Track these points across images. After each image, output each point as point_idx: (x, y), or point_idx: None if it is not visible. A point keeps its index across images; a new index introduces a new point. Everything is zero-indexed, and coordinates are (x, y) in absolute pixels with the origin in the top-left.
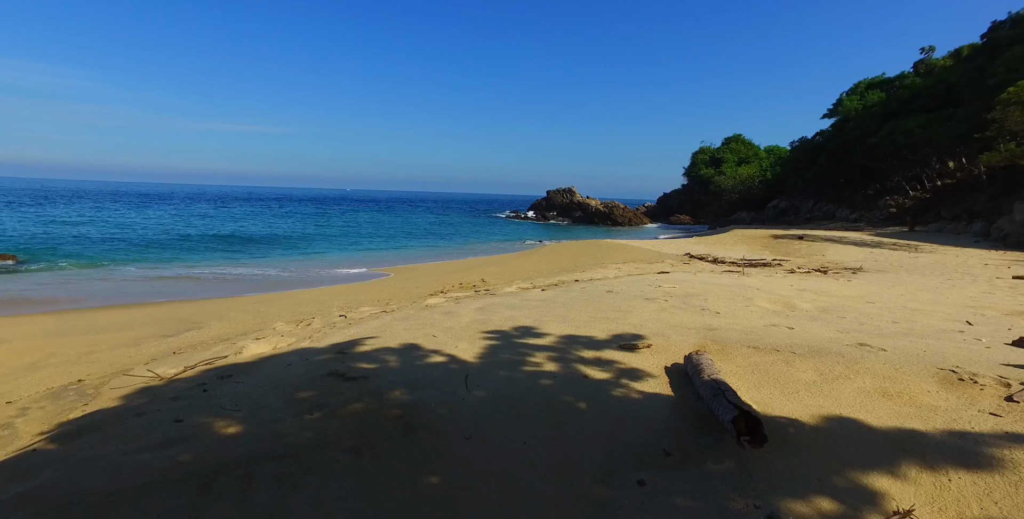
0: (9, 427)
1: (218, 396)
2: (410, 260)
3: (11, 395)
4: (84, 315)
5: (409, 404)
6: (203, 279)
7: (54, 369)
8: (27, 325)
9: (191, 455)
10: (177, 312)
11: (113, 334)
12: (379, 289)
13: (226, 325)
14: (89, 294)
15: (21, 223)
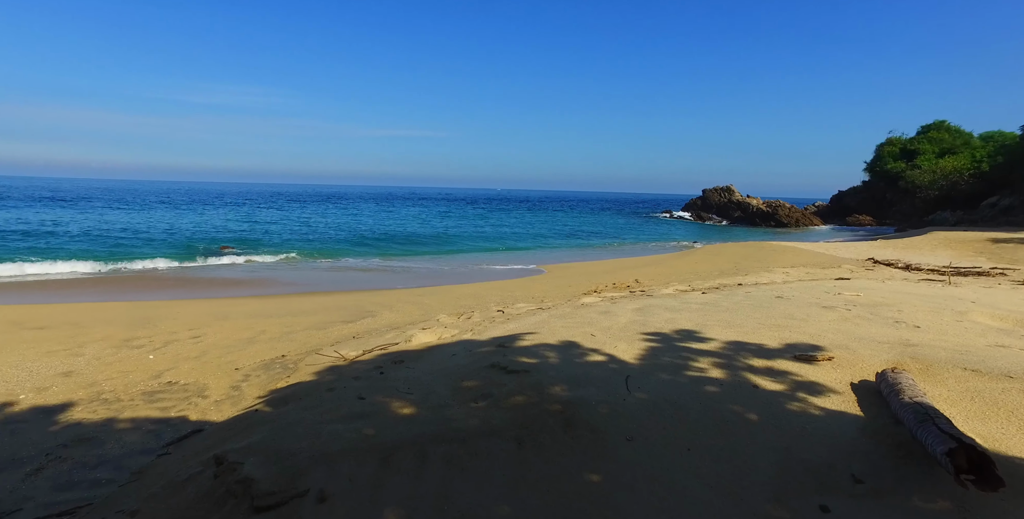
0: (238, 389)
1: (393, 379)
2: (562, 259)
3: (236, 363)
4: (283, 300)
5: (570, 400)
6: (374, 271)
7: (264, 344)
8: (243, 306)
9: (373, 430)
10: (355, 301)
11: (306, 317)
12: (533, 286)
13: (395, 314)
14: (286, 281)
15: (231, 221)
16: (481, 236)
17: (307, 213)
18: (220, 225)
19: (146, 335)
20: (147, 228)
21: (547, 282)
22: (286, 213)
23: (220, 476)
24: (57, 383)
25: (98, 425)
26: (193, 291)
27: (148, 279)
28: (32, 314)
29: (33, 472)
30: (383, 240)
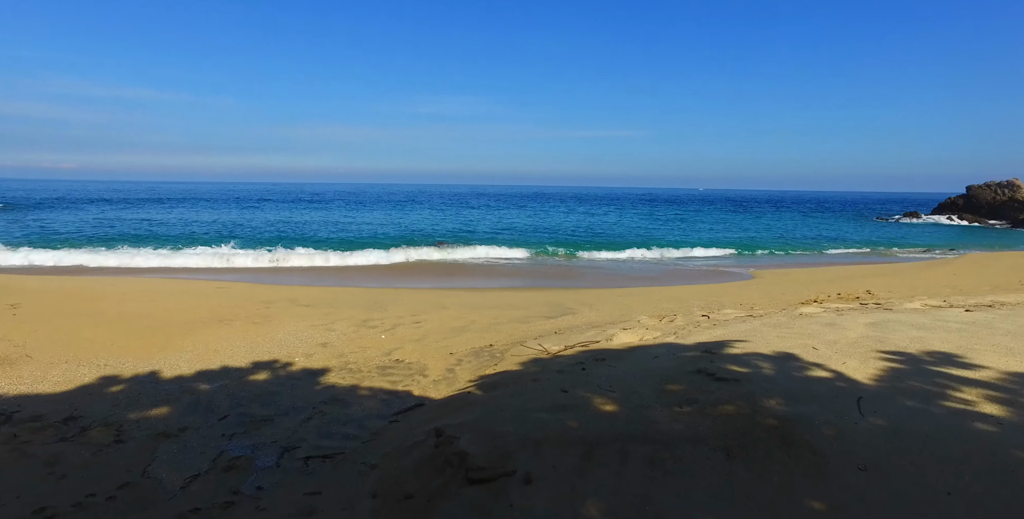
0: (452, 371)
1: (595, 376)
2: (772, 263)
3: (451, 348)
4: (491, 293)
5: (787, 416)
6: (574, 269)
7: (474, 333)
8: (456, 297)
9: (577, 422)
10: (556, 297)
11: (510, 311)
12: (740, 292)
13: (595, 313)
14: (494, 275)
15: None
16: (682, 238)
17: (511, 212)
18: (436, 222)
19: (379, 318)
20: (381, 224)
21: (756, 288)
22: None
23: (440, 447)
24: (318, 352)
25: (346, 390)
26: (414, 281)
27: (379, 269)
28: (303, 293)
29: (305, 420)
30: (582, 238)
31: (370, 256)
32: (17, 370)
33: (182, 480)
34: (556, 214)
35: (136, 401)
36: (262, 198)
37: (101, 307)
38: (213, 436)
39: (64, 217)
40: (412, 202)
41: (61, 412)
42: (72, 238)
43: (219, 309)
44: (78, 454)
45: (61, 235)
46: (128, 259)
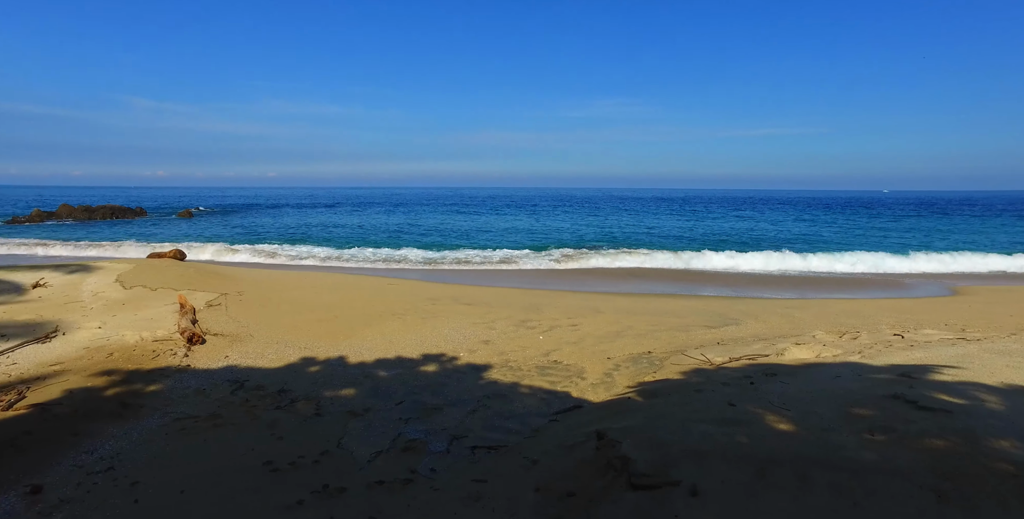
0: (610, 376)
1: (765, 391)
2: (983, 279)
3: (608, 353)
4: (647, 299)
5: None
6: (736, 277)
7: (631, 339)
8: (612, 302)
9: (747, 438)
10: (717, 306)
11: (669, 318)
12: (943, 309)
13: (761, 325)
14: (646, 281)
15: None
16: (867, 243)
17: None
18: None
19: (536, 319)
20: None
21: (964, 305)
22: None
23: (601, 449)
24: (480, 348)
25: (507, 386)
26: (567, 284)
27: (533, 271)
28: (463, 292)
29: (471, 412)
30: (744, 243)
31: (525, 260)
32: (245, 346)
33: (369, 454)
34: (714, 218)
35: (329, 381)
36: (421, 202)
37: (299, 297)
38: (392, 419)
39: (266, 220)
40: (563, 205)
41: (276, 385)
42: (273, 236)
43: (392, 304)
44: (290, 421)
45: (266, 234)
46: (316, 256)
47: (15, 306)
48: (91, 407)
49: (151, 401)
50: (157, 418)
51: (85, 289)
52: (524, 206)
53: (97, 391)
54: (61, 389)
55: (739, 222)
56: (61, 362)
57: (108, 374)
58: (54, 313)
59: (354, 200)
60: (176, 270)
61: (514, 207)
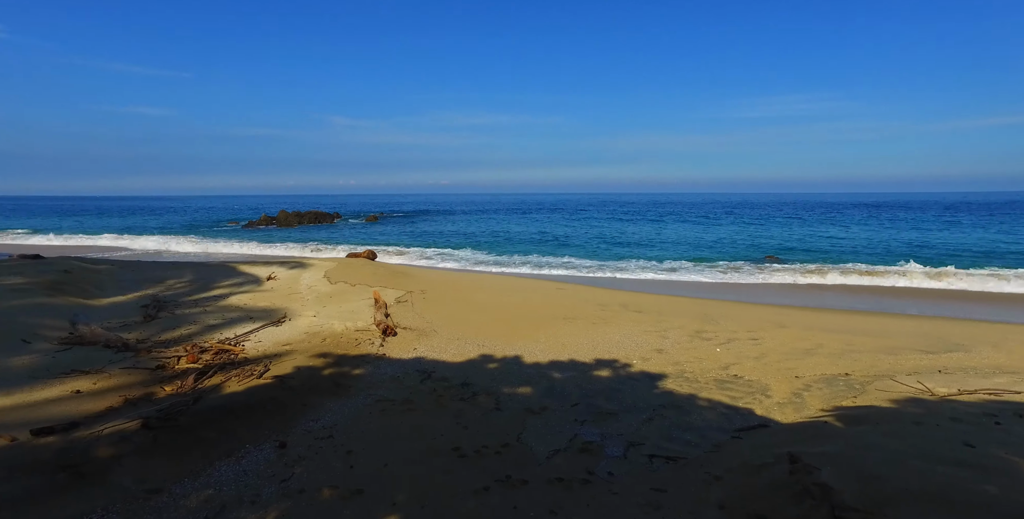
0: (799, 396)
1: (1018, 435)
2: None
3: (796, 371)
4: (839, 315)
5: None
6: (964, 295)
7: (823, 358)
8: (797, 316)
9: (998, 489)
10: (932, 328)
11: (869, 338)
12: None
13: (1002, 354)
14: (832, 295)
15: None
16: None
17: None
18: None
19: (712, 330)
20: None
21: None
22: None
23: (795, 474)
24: (654, 357)
25: (684, 397)
26: (744, 295)
27: (704, 284)
28: (633, 300)
29: (647, 420)
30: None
31: (694, 271)
32: (430, 341)
33: (547, 452)
34: (920, 226)
35: (507, 378)
36: (583, 208)
37: (475, 297)
38: (567, 420)
39: (439, 225)
40: (736, 211)
41: (459, 378)
42: (445, 240)
43: (562, 308)
44: (472, 413)
45: (439, 237)
46: (486, 260)
47: (257, 295)
48: (313, 383)
49: (357, 383)
50: (362, 398)
51: (302, 283)
52: (692, 212)
53: (317, 370)
54: (292, 365)
55: (957, 232)
56: (289, 343)
57: (323, 356)
58: (282, 302)
59: (519, 206)
60: (369, 269)
61: (682, 213)
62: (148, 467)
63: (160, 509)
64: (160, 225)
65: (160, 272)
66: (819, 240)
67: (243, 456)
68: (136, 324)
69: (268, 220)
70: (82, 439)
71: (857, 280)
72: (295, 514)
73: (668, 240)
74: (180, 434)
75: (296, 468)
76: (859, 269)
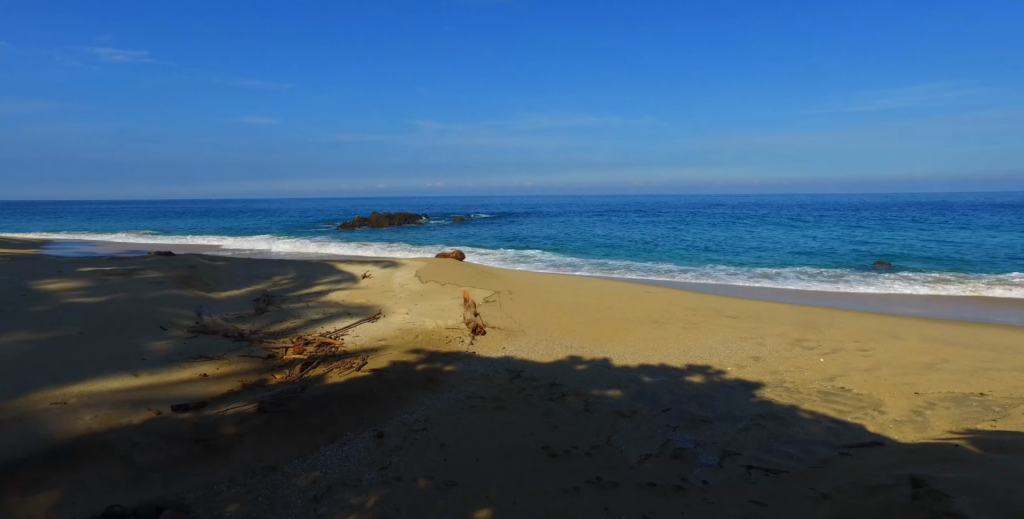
0: (921, 415)
1: None
2: None
3: (915, 387)
4: (968, 327)
5: None
6: None
7: (948, 375)
8: (913, 327)
9: None
10: None
11: (1011, 355)
12: None
13: None
14: (953, 305)
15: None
16: None
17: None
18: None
19: (814, 339)
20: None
21: None
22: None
23: (920, 499)
24: (750, 364)
25: (784, 408)
26: (850, 303)
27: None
28: (726, 304)
29: (744, 429)
30: None
31: (788, 277)
32: (518, 340)
33: (638, 456)
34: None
35: (596, 381)
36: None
37: (562, 299)
38: (659, 424)
39: (524, 226)
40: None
41: (547, 378)
42: (529, 241)
43: (651, 311)
44: (562, 413)
45: (523, 238)
46: (571, 263)
47: (353, 292)
48: (408, 377)
49: (448, 379)
50: (454, 394)
51: (395, 281)
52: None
53: (411, 365)
54: (388, 360)
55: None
56: (384, 339)
57: (416, 352)
58: (377, 299)
59: (605, 208)
60: (458, 269)
61: (777, 215)
62: (264, 446)
63: (275, 485)
64: (263, 226)
65: (268, 269)
66: (940, 245)
67: (345, 442)
68: (249, 316)
69: (361, 221)
70: (210, 417)
71: (992, 291)
72: (393, 500)
73: (763, 244)
74: (290, 418)
75: (393, 457)
76: (1008, 280)
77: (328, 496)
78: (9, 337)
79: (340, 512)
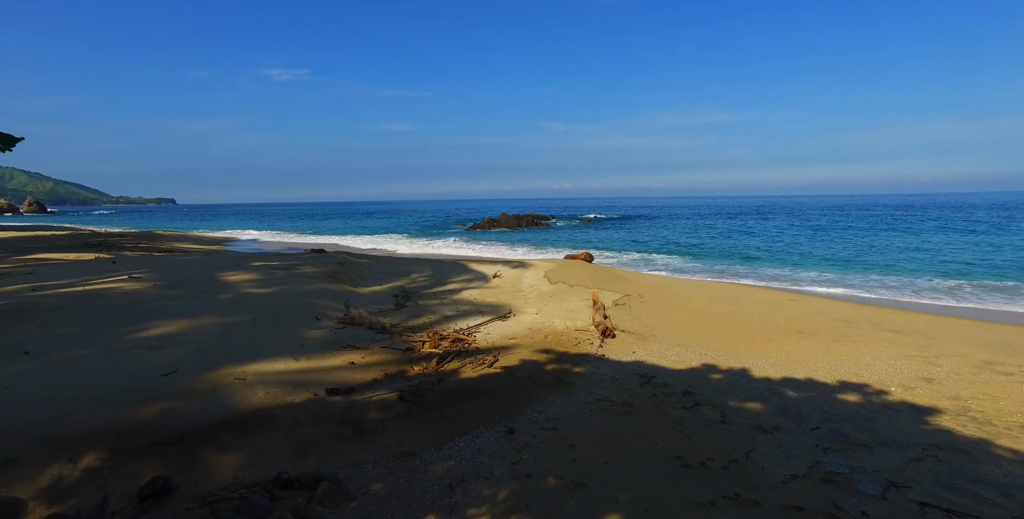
0: None
1: None
2: None
3: None
4: None
5: None
6: None
7: None
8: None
9: None
10: None
11: None
12: None
13: None
14: None
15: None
16: None
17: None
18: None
19: (1013, 363)
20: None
21: None
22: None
23: None
24: (920, 386)
25: (970, 441)
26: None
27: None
28: (887, 317)
29: (914, 459)
30: None
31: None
32: (649, 345)
33: (782, 475)
34: None
35: (732, 391)
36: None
37: (695, 304)
38: (806, 443)
39: (655, 229)
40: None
41: (680, 385)
42: (659, 244)
43: (795, 321)
44: (695, 423)
45: (652, 242)
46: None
47: (484, 291)
48: (538, 376)
49: (577, 380)
50: (583, 396)
51: (524, 281)
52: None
53: (540, 364)
54: (518, 358)
55: None
56: (515, 337)
57: (546, 352)
58: (507, 298)
59: (739, 209)
60: (586, 271)
61: (952, 217)
62: (404, 433)
63: (414, 470)
64: (399, 226)
65: (405, 267)
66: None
67: (477, 435)
68: (389, 311)
69: (490, 223)
70: (358, 402)
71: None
72: (524, 495)
73: (930, 251)
74: (427, 409)
75: (523, 453)
76: None
77: (462, 485)
78: (206, 320)
79: (473, 502)
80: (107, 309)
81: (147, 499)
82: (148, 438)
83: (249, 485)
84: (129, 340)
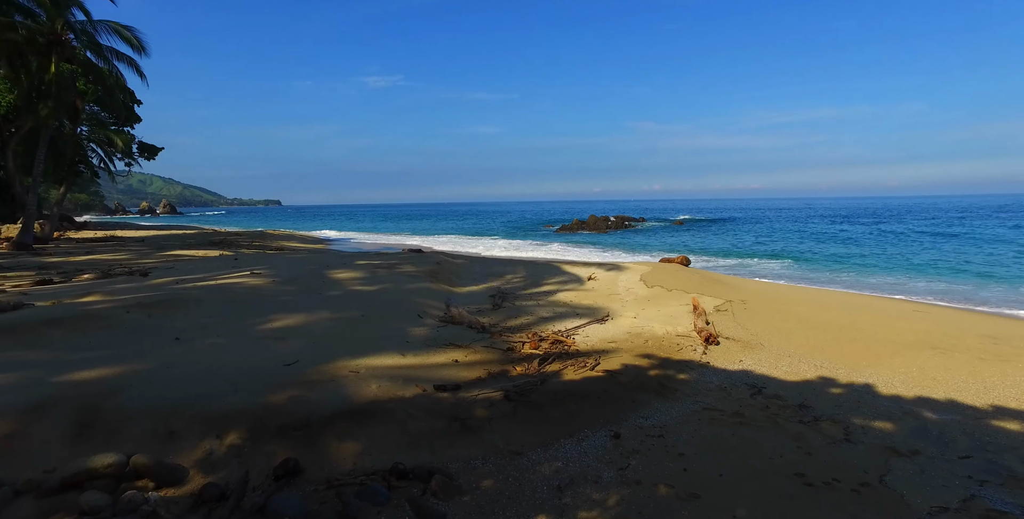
0: None
1: None
2: None
3: None
4: None
5: None
6: None
7: None
8: None
9: None
10: None
11: None
12: None
13: None
14: None
15: None
16: None
17: None
18: None
19: None
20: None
21: None
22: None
23: None
24: None
25: None
26: None
27: None
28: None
29: None
30: None
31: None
32: (757, 354)
33: (927, 506)
34: None
35: (856, 408)
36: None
37: (804, 312)
38: (955, 473)
39: (746, 232)
40: None
41: (795, 398)
42: (757, 248)
43: (926, 334)
44: (815, 439)
45: (747, 244)
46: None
47: (579, 293)
48: (640, 381)
49: (681, 387)
50: (689, 403)
51: (620, 284)
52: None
53: (642, 369)
54: (619, 362)
55: None
56: (614, 341)
57: (647, 357)
58: (603, 301)
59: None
60: (684, 274)
61: None
62: (511, 432)
63: (522, 469)
64: (488, 228)
65: (499, 268)
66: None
67: (583, 439)
68: (487, 310)
69: (579, 224)
70: (465, 399)
71: None
72: (635, 502)
73: None
74: (532, 409)
75: (631, 459)
76: None
77: (571, 487)
78: (319, 315)
79: (583, 505)
80: (235, 302)
81: (280, 478)
82: (279, 422)
83: (368, 472)
84: (256, 331)
